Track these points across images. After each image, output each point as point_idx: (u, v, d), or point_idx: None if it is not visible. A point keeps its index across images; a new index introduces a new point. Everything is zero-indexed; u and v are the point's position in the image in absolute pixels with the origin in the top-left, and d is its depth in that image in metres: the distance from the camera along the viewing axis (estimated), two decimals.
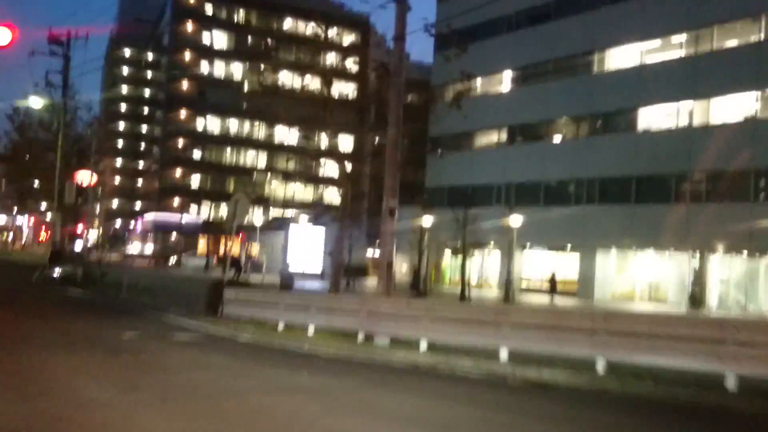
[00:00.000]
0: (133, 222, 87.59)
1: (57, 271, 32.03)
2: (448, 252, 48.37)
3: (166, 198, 76.55)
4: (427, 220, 36.33)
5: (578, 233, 39.27)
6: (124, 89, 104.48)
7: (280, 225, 55.83)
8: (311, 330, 16.03)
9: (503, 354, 11.87)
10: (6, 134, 60.16)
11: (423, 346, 13.19)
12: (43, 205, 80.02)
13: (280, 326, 17.04)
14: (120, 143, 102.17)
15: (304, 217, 57.37)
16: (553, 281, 36.10)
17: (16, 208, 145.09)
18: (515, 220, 34.97)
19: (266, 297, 19.25)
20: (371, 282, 39.13)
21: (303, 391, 9.61)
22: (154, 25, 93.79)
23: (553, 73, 42.76)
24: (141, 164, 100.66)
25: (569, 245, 40.86)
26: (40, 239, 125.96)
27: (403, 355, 12.64)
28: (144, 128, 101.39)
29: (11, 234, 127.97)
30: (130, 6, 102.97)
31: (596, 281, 38.85)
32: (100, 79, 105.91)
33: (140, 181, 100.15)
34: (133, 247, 78.14)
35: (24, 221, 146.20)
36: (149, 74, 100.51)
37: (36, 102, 36.18)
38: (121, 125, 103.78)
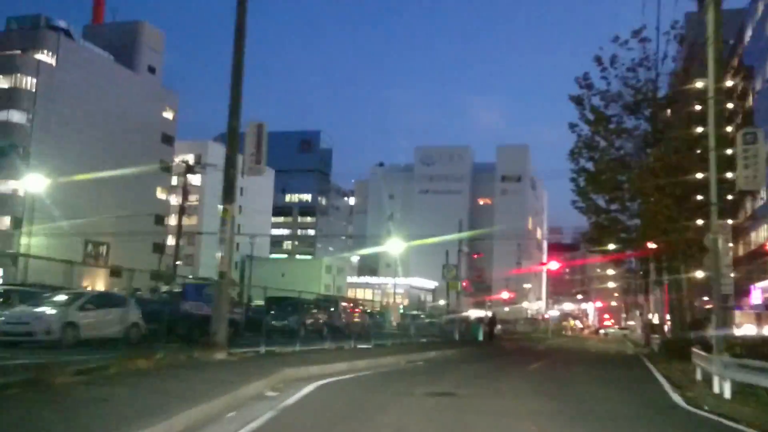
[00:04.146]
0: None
1: None
2: None
3: None
4: None
5: None
6: None
7: None
8: None
9: None
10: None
11: None
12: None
13: None
14: None
15: None
16: None
17: (580, 296, 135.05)
18: None
19: None
20: None
21: None
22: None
23: None
24: None
25: None
26: (602, 324, 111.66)
27: None
28: None
29: (577, 321, 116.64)
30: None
31: None
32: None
33: None
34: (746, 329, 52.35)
35: (590, 306, 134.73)
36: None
37: None
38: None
